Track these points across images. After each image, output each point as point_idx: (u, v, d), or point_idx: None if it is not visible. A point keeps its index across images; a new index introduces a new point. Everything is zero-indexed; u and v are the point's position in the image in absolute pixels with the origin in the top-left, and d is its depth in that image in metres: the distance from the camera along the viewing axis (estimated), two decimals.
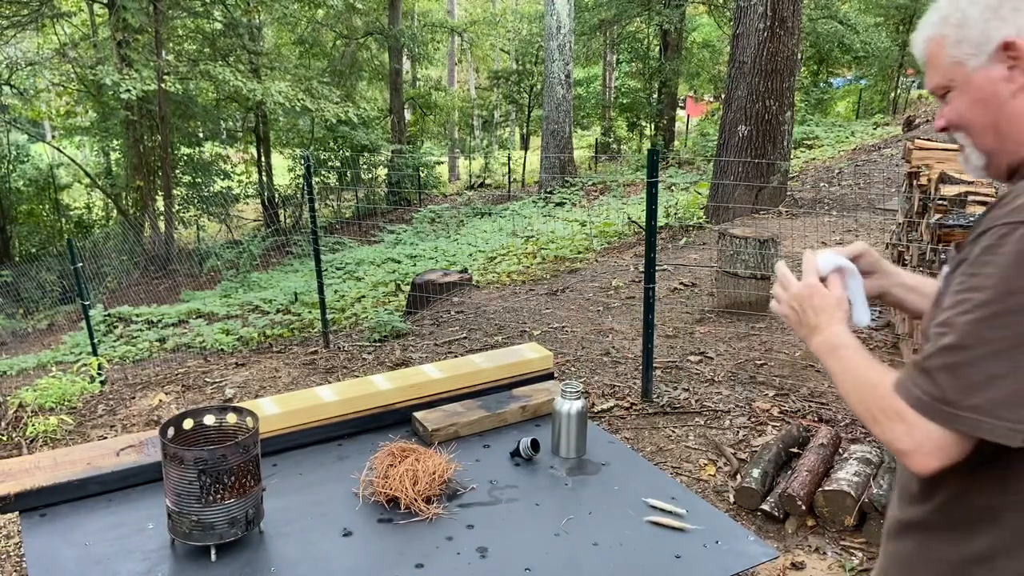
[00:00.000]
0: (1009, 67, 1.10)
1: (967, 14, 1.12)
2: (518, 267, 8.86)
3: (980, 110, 1.14)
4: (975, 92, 1.14)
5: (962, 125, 1.17)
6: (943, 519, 1.18)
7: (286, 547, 1.51)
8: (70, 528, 1.57)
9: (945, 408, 1.04)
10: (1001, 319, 1.00)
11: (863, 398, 1.15)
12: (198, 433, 1.56)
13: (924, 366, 1.07)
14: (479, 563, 1.46)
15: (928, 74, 1.19)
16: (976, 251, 1.06)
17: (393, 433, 1.97)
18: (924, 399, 1.06)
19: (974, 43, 1.12)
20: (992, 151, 1.16)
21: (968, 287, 1.05)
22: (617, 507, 1.64)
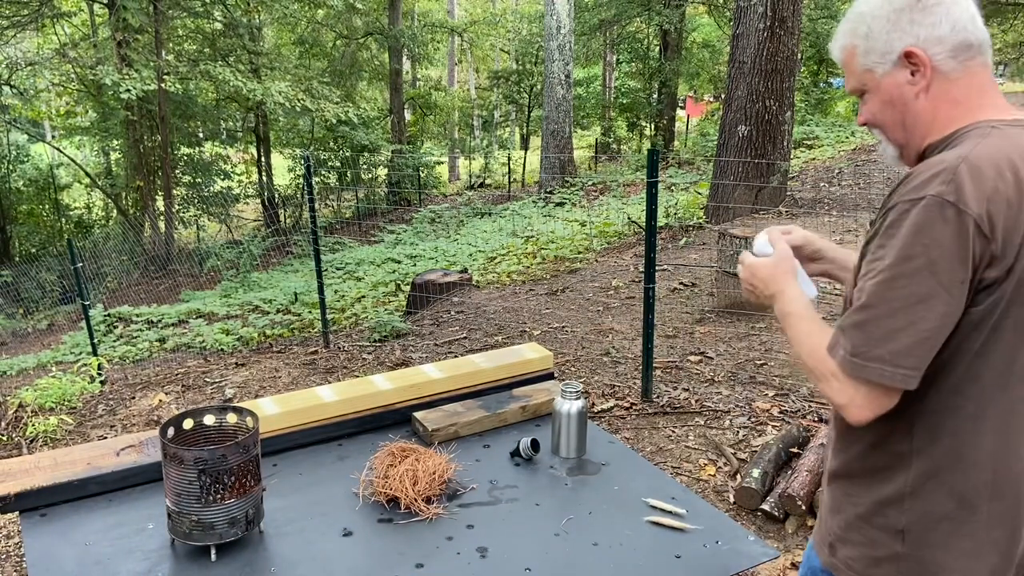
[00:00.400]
0: (911, 72, 1.28)
1: (872, 27, 1.29)
2: (518, 267, 8.86)
3: (889, 110, 1.32)
4: (884, 95, 1.32)
5: (876, 123, 1.35)
6: (862, 466, 1.35)
7: (286, 547, 1.51)
8: (70, 528, 1.57)
9: (856, 360, 1.20)
10: (899, 280, 1.17)
11: (810, 360, 1.30)
12: (198, 433, 1.56)
13: (841, 326, 1.24)
14: (479, 563, 1.46)
15: (846, 78, 1.37)
16: (884, 225, 1.21)
17: (393, 433, 1.96)
18: (844, 356, 1.22)
19: (879, 52, 1.29)
20: (902, 144, 1.35)
21: (875, 257, 1.21)
22: (617, 507, 1.63)
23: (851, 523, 1.37)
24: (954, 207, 1.15)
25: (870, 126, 1.38)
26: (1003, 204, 1.16)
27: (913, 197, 1.19)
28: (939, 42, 1.26)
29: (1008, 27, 24.18)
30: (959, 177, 1.16)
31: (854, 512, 1.37)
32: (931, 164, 1.21)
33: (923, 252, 1.16)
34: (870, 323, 1.20)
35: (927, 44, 1.26)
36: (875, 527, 1.34)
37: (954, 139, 1.27)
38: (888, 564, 1.33)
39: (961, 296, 1.17)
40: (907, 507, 1.30)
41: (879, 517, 1.33)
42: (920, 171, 1.21)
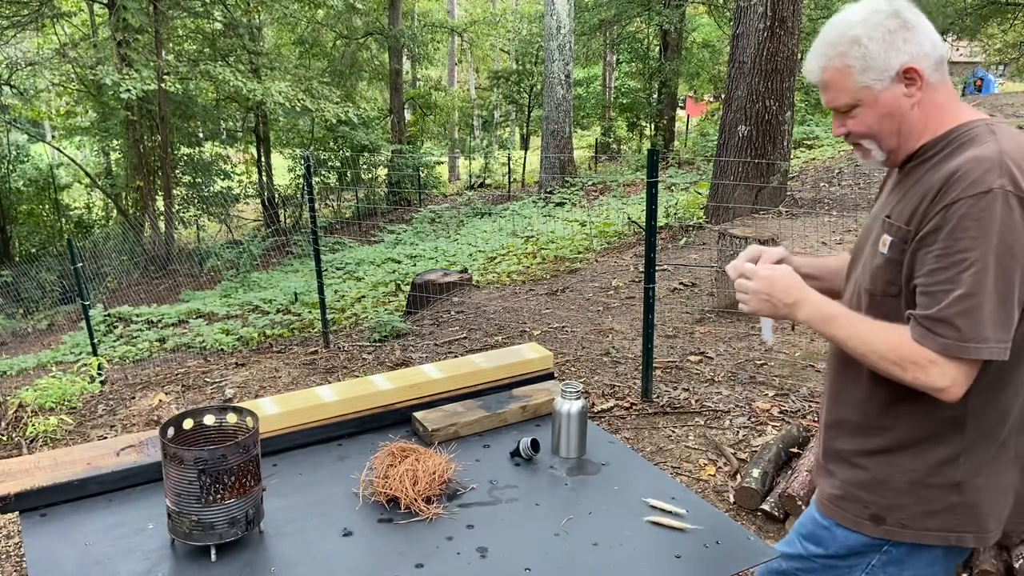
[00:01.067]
0: (907, 85, 1.42)
1: (869, 48, 1.41)
2: (518, 267, 8.85)
3: (887, 121, 1.45)
4: (883, 108, 1.44)
5: (871, 134, 1.47)
6: (909, 437, 1.49)
7: (286, 547, 1.51)
8: (70, 528, 1.57)
9: (970, 344, 1.33)
10: (990, 269, 1.31)
11: (884, 356, 1.41)
12: (198, 433, 1.56)
13: (941, 316, 1.34)
14: (479, 563, 1.46)
15: (830, 94, 1.47)
16: (951, 220, 1.33)
17: (393, 433, 1.96)
18: (950, 343, 1.34)
19: (879, 71, 1.42)
20: (894, 149, 1.48)
21: (958, 249, 1.33)
22: (617, 507, 1.63)
23: (903, 490, 1.50)
24: (1016, 195, 1.31)
25: (859, 137, 1.49)
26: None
27: (976, 192, 1.32)
28: (926, 57, 1.42)
29: (1008, 27, 24.16)
30: (1010, 170, 1.32)
31: (905, 480, 1.50)
32: (975, 162, 1.34)
33: (1002, 239, 1.31)
34: (975, 309, 1.32)
35: (918, 60, 1.41)
36: (931, 487, 1.48)
37: (953, 138, 1.43)
38: (944, 514, 1.49)
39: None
40: (961, 462, 1.46)
41: (936, 477, 1.48)
42: (968, 169, 1.34)
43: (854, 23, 1.43)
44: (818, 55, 1.47)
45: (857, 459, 1.56)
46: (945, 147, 1.43)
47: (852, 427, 1.57)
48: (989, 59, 28.70)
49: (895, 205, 1.49)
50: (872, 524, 1.53)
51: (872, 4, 1.44)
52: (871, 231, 1.57)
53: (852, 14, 1.44)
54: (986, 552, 2.82)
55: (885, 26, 1.41)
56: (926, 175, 1.43)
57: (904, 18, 1.42)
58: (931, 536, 1.50)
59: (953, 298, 1.33)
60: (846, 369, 1.56)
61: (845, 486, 1.57)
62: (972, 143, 1.39)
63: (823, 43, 1.46)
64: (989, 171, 1.32)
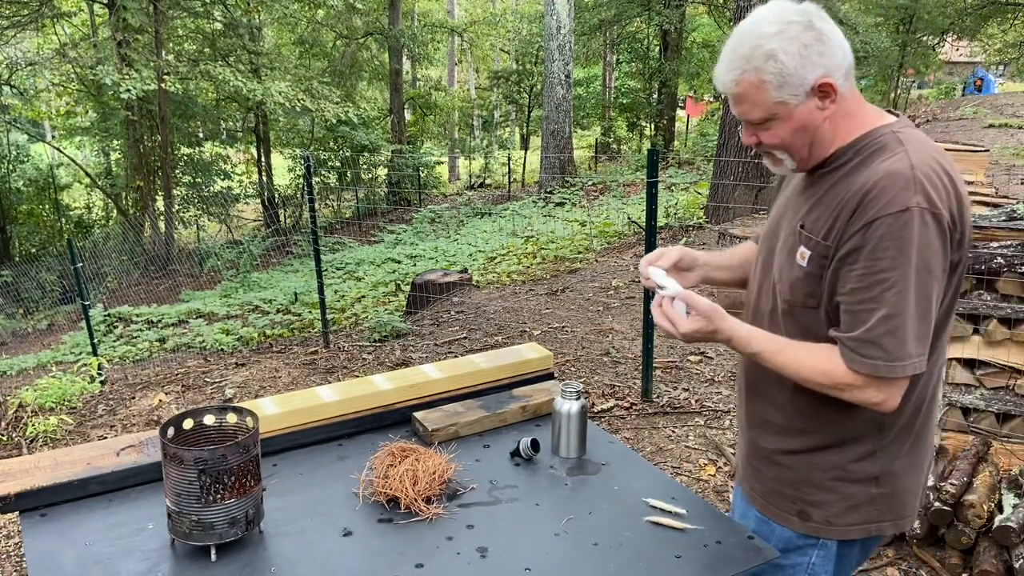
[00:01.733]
0: (821, 99, 1.41)
1: (786, 64, 1.38)
2: (518, 267, 8.85)
3: (801, 134, 1.44)
4: (797, 122, 1.43)
5: (785, 146, 1.46)
6: (832, 439, 1.54)
7: (286, 547, 1.51)
8: (70, 528, 1.57)
9: (897, 364, 1.38)
10: (910, 287, 1.35)
11: (820, 382, 1.45)
12: (198, 433, 1.56)
13: (868, 339, 1.38)
14: (479, 563, 1.46)
15: (743, 106, 1.45)
16: (872, 239, 1.36)
17: (393, 433, 1.96)
18: (880, 364, 1.38)
19: (795, 86, 1.39)
20: (805, 159, 1.48)
21: (879, 269, 1.36)
22: (617, 507, 1.63)
23: (825, 486, 1.55)
24: (931, 212, 1.34)
25: (771, 149, 1.48)
26: (952, 198, 1.37)
27: (894, 211, 1.34)
28: (838, 68, 1.40)
29: (1008, 27, 24.15)
30: (924, 186, 1.34)
31: (827, 476, 1.55)
32: (890, 178, 1.36)
33: (920, 256, 1.34)
34: (899, 329, 1.36)
35: (832, 72, 1.40)
36: (851, 482, 1.54)
37: (862, 146, 1.44)
38: (865, 507, 1.55)
39: (944, 281, 1.40)
40: (879, 456, 1.53)
41: (856, 473, 1.54)
42: (884, 186, 1.36)
43: (769, 36, 1.38)
44: (731, 68, 1.43)
45: (780, 458, 1.61)
46: (855, 155, 1.44)
47: (776, 428, 1.61)
48: (989, 59, 28.69)
49: (807, 214, 1.49)
50: (799, 520, 1.59)
51: (785, 15, 1.39)
52: (781, 230, 1.58)
53: (765, 25, 1.40)
54: (985, 552, 2.82)
55: (801, 40, 1.38)
56: (838, 184, 1.44)
57: (818, 30, 1.39)
58: (855, 530, 1.57)
59: (878, 319, 1.37)
60: (767, 372, 1.56)
61: (771, 483, 1.63)
62: (882, 152, 1.41)
63: (736, 56, 1.42)
64: (904, 189, 1.34)
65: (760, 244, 1.69)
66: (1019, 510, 2.83)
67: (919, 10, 22.31)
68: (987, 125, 14.66)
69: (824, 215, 1.45)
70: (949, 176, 1.38)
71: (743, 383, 1.71)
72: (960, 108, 17.53)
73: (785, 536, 1.61)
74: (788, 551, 1.61)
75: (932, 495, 2.92)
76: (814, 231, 1.46)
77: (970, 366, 3.30)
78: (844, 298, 1.42)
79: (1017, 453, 3.19)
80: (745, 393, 1.69)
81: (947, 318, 1.48)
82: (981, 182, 4.54)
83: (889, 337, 1.36)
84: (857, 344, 1.39)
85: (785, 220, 1.57)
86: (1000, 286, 3.20)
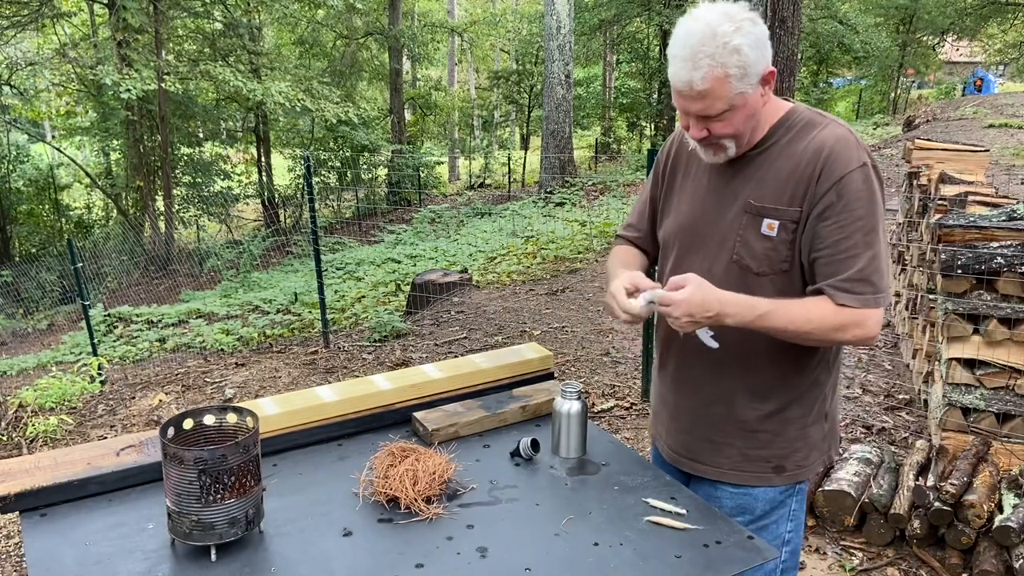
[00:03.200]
0: (763, 86, 1.57)
1: (748, 57, 1.50)
2: (518, 267, 8.85)
3: (750, 120, 1.59)
4: (749, 110, 1.57)
5: (737, 134, 1.59)
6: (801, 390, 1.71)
7: (286, 547, 1.51)
8: (70, 528, 1.57)
9: (881, 296, 1.58)
10: (876, 228, 1.56)
11: (815, 330, 1.58)
12: (198, 433, 1.56)
13: (861, 277, 1.56)
14: (479, 563, 1.46)
15: (707, 102, 1.53)
16: (843, 194, 1.55)
17: (393, 433, 1.96)
18: (869, 297, 1.57)
19: (753, 77, 1.53)
20: (745, 144, 1.63)
21: (857, 217, 1.55)
22: (617, 507, 1.63)
23: (795, 436, 1.73)
24: (873, 167, 1.57)
25: (724, 138, 1.59)
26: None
27: (855, 167, 1.55)
28: (770, 59, 1.57)
29: (1008, 27, 24.15)
30: (864, 147, 1.59)
31: (796, 428, 1.72)
32: (841, 142, 1.57)
33: (879, 204, 1.57)
34: (880, 266, 1.57)
35: (770, 62, 1.56)
36: (812, 425, 1.74)
37: (789, 124, 1.63)
38: (821, 443, 1.77)
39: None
40: (828, 397, 1.75)
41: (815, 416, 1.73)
42: (838, 149, 1.57)
43: (730, 33, 1.49)
44: (696, 66, 1.50)
45: (756, 424, 1.72)
46: (786, 132, 1.62)
47: (751, 396, 1.72)
48: (989, 59, 28.70)
49: (754, 191, 1.63)
50: (776, 475, 1.74)
51: (735, 13, 1.51)
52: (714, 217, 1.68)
53: (722, 23, 1.49)
54: (985, 552, 2.82)
55: (755, 34, 1.52)
56: (780, 158, 1.61)
57: (761, 24, 1.54)
58: (817, 465, 1.77)
59: (866, 259, 1.55)
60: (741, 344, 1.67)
61: (744, 451, 1.74)
62: (812, 125, 1.61)
63: (702, 53, 1.49)
64: (855, 149, 1.57)
65: (672, 239, 1.78)
66: (1019, 510, 2.83)
67: (919, 10, 22.31)
68: (987, 125, 14.66)
69: (778, 186, 1.61)
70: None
71: (705, 366, 1.74)
72: (960, 108, 17.52)
73: (768, 496, 1.74)
74: (774, 508, 1.75)
75: (932, 495, 2.93)
76: (774, 202, 1.61)
77: (970, 366, 3.30)
78: (826, 250, 1.57)
79: (1017, 453, 3.19)
80: (709, 375, 1.74)
81: None
82: (981, 182, 4.53)
83: (876, 274, 1.56)
84: (850, 284, 1.56)
85: (717, 207, 1.68)
86: (1000, 286, 3.20)
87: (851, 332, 1.58)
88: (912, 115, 17.15)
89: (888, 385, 4.48)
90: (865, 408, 4.21)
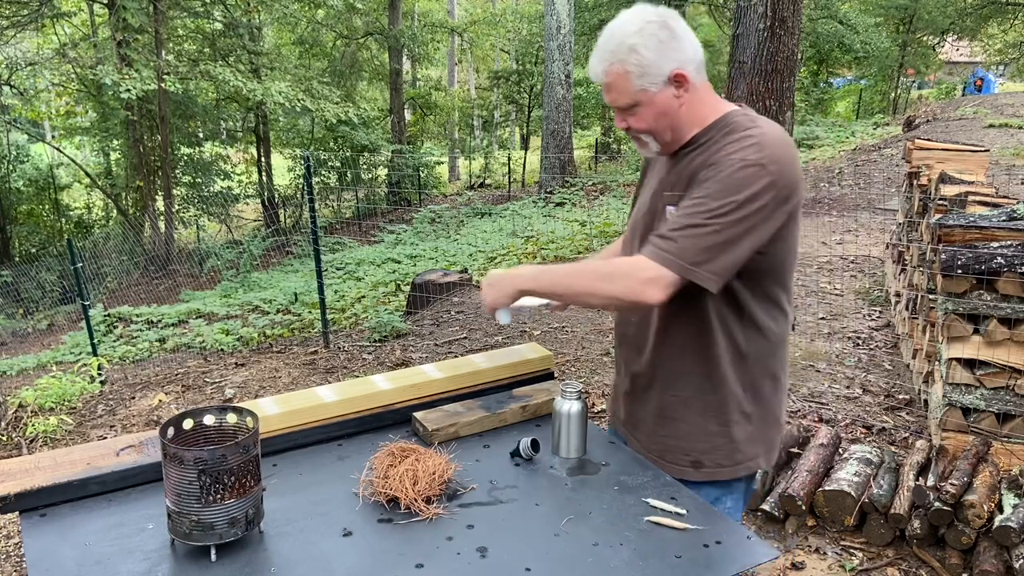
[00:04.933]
0: (676, 87, 1.64)
1: (645, 56, 1.60)
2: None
3: (663, 119, 1.67)
4: (658, 108, 1.65)
5: (651, 130, 1.69)
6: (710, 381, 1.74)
7: (286, 547, 1.51)
8: (70, 528, 1.56)
9: (680, 264, 1.57)
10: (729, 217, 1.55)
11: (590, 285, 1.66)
12: (198, 433, 1.56)
13: (669, 236, 1.59)
14: (479, 563, 1.46)
15: (612, 94, 1.67)
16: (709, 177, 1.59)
17: (393, 433, 1.96)
18: (666, 256, 1.58)
19: (654, 75, 1.62)
20: (669, 142, 1.72)
21: (704, 195, 1.58)
22: (617, 507, 1.63)
23: (712, 432, 1.76)
24: (772, 172, 1.56)
25: (640, 132, 1.70)
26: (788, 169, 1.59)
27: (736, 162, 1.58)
28: (690, 62, 1.63)
29: (1008, 27, 24.15)
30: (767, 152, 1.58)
31: (715, 422, 1.75)
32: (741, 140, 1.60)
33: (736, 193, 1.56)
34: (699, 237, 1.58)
35: (684, 65, 1.62)
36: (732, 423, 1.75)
37: (719, 127, 1.67)
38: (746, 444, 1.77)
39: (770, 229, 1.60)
40: (748, 395, 1.75)
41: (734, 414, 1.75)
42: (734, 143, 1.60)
43: (631, 33, 1.61)
44: (600, 60, 1.65)
45: (673, 411, 1.79)
46: (712, 135, 1.67)
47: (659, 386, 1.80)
48: (989, 59, 28.70)
49: (673, 186, 1.72)
50: (694, 470, 1.77)
51: (644, 15, 1.62)
52: (646, 212, 1.81)
53: (628, 24, 1.62)
54: (985, 552, 2.82)
55: (657, 37, 1.60)
56: (697, 158, 1.67)
57: (671, 29, 1.62)
58: (741, 468, 1.78)
59: (684, 225, 1.59)
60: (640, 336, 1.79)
61: (664, 439, 1.81)
62: (736, 129, 1.64)
63: (604, 50, 1.64)
64: (754, 150, 1.58)
65: (630, 233, 1.91)
66: (1019, 510, 2.83)
67: (919, 10, 22.30)
68: (987, 125, 14.66)
69: (682, 179, 1.69)
70: (791, 150, 1.63)
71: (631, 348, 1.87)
72: (960, 108, 17.52)
73: (711, 493, 1.78)
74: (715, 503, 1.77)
75: (932, 495, 2.93)
76: (676, 189, 1.70)
77: (970, 366, 3.30)
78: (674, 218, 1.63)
79: (1017, 453, 3.19)
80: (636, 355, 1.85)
81: (781, 268, 1.70)
82: (981, 182, 4.53)
83: (686, 240, 1.56)
84: (658, 239, 1.60)
85: (651, 201, 1.80)
86: (1000, 286, 3.20)
87: (619, 282, 1.60)
88: (912, 115, 17.15)
89: (888, 385, 4.48)
90: (865, 408, 4.21)
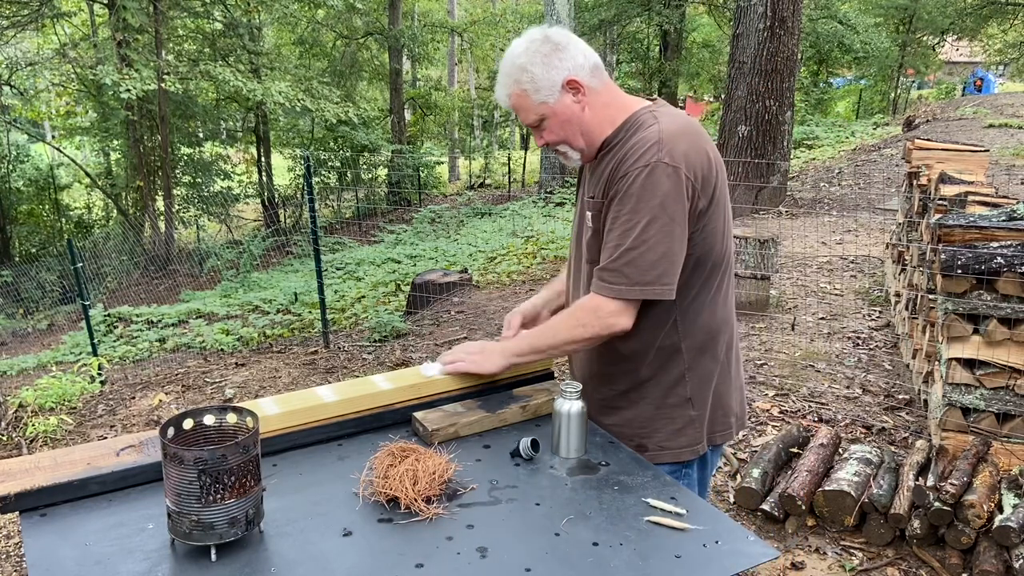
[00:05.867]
0: (573, 94, 1.72)
1: (534, 73, 1.70)
2: (518, 267, 8.85)
3: (568, 126, 1.75)
4: (561, 116, 1.74)
5: (562, 139, 1.77)
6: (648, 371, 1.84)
7: (286, 547, 1.51)
8: (70, 528, 1.56)
9: (635, 288, 1.68)
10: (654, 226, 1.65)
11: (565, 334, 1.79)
12: (198, 433, 1.56)
13: (613, 268, 1.69)
14: (479, 563, 1.46)
15: (521, 114, 1.77)
16: (623, 188, 1.67)
17: (393, 433, 1.96)
18: (623, 288, 1.68)
19: (547, 88, 1.71)
20: (583, 148, 1.79)
21: (625, 211, 1.67)
22: (617, 507, 1.63)
23: (650, 417, 1.85)
24: (672, 167, 1.64)
25: (555, 144, 1.78)
26: (695, 155, 1.67)
27: (639, 166, 1.66)
28: (581, 68, 1.71)
29: (1008, 27, 24.15)
30: (667, 147, 1.65)
31: (652, 407, 1.84)
32: (642, 142, 1.67)
33: (661, 203, 1.64)
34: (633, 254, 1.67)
35: (575, 72, 1.70)
36: (670, 407, 1.84)
37: (627, 127, 1.74)
38: (688, 427, 1.85)
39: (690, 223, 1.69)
40: (688, 381, 1.84)
41: (671, 399, 1.84)
42: (635, 147, 1.68)
43: (519, 54, 1.72)
44: (503, 86, 1.75)
45: (614, 402, 1.89)
46: (622, 136, 1.74)
47: (602, 377, 1.90)
48: (989, 59, 28.70)
49: (593, 191, 1.79)
50: (638, 452, 1.83)
51: (529, 36, 1.73)
52: (578, 217, 1.90)
53: (516, 48, 1.73)
54: (985, 552, 2.82)
55: (541, 52, 1.70)
56: (611, 159, 1.74)
57: (555, 41, 1.71)
58: (686, 452, 1.86)
59: (621, 251, 1.68)
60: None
61: (613, 428, 1.90)
62: (642, 127, 1.71)
63: (502, 75, 1.75)
64: (650, 149, 1.65)
65: (572, 238, 1.97)
66: (1019, 510, 2.83)
67: (919, 10, 22.30)
68: (987, 125, 14.66)
69: (599, 182, 1.75)
70: (694, 138, 1.69)
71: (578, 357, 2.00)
72: (960, 108, 17.52)
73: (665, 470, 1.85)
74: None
75: (932, 495, 2.93)
76: (594, 195, 1.77)
77: (970, 366, 3.30)
78: (604, 238, 1.73)
79: (1017, 453, 3.19)
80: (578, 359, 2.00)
81: (710, 254, 1.75)
82: (981, 182, 4.53)
83: (629, 266, 1.66)
84: (601, 272, 1.70)
85: (580, 206, 1.88)
86: (1000, 286, 3.20)
87: (590, 326, 1.72)
88: (912, 115, 17.15)
89: (888, 385, 4.48)
90: (865, 408, 4.21)
